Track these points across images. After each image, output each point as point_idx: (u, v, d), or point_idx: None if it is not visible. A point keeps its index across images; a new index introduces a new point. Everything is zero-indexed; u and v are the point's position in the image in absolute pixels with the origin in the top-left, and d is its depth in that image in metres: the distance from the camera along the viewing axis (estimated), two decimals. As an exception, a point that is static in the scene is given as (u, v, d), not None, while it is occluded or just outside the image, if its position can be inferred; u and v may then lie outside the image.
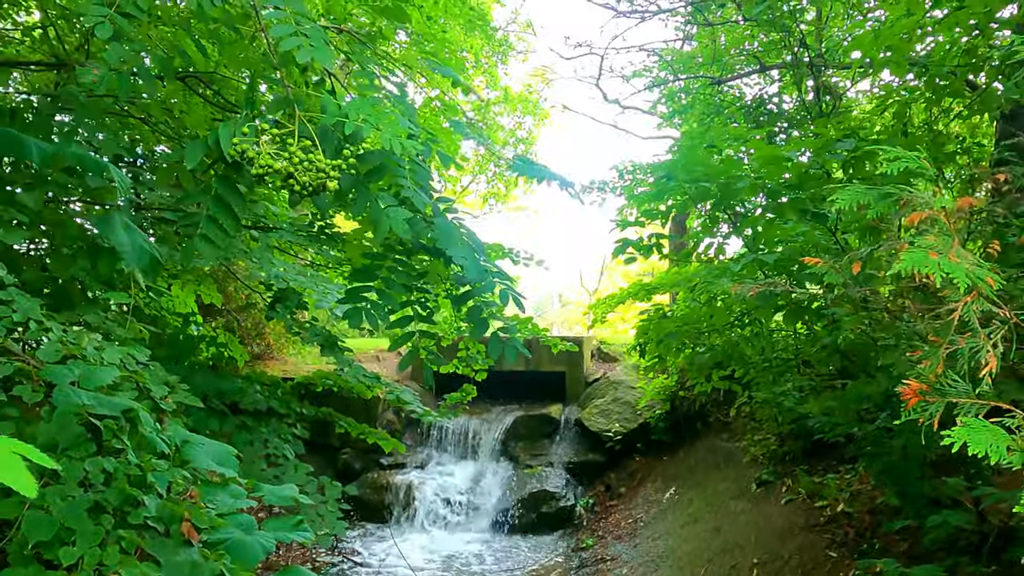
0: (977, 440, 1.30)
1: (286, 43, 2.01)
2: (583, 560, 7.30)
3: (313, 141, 2.04)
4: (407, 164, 2.12)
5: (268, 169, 1.96)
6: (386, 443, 5.94)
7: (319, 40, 1.99)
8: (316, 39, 1.98)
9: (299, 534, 2.75)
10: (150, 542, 2.04)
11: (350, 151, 2.06)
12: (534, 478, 8.75)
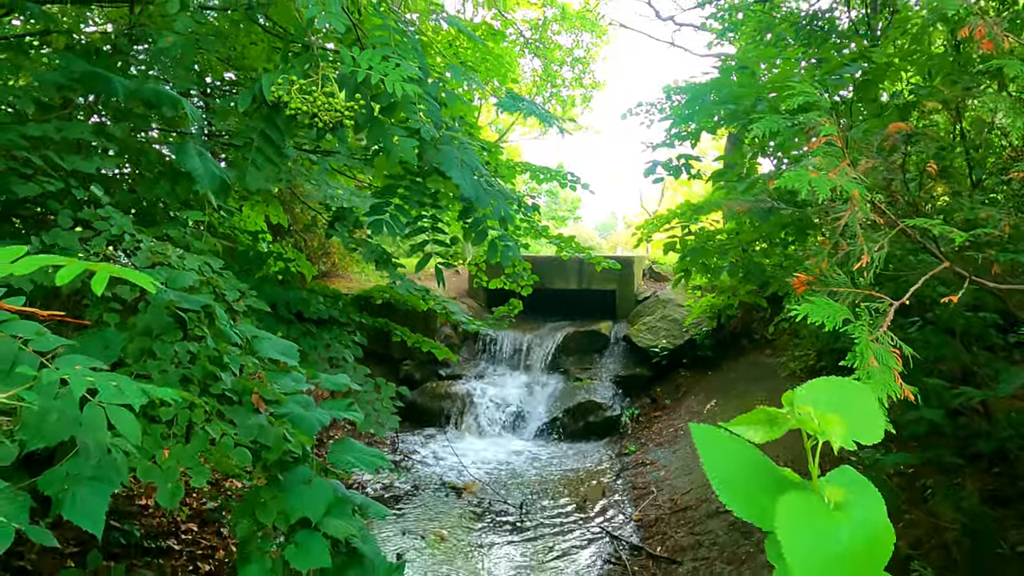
0: (817, 313, 1.60)
1: (309, 12, 2.37)
2: (625, 464, 7.82)
3: (334, 87, 2.41)
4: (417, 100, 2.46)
5: (298, 111, 2.36)
6: (439, 351, 6.46)
7: (335, 7, 2.34)
8: (333, 5, 2.33)
9: (350, 413, 3.26)
10: (227, 408, 2.55)
11: (363, 94, 2.42)
12: (583, 390, 9.24)
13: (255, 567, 2.79)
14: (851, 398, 0.76)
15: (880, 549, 0.68)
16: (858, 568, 0.66)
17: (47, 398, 1.28)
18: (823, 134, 1.81)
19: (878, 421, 0.76)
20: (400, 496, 6.91)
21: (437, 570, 5.62)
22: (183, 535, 5.62)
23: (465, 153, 2.67)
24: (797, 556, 0.65)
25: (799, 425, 0.71)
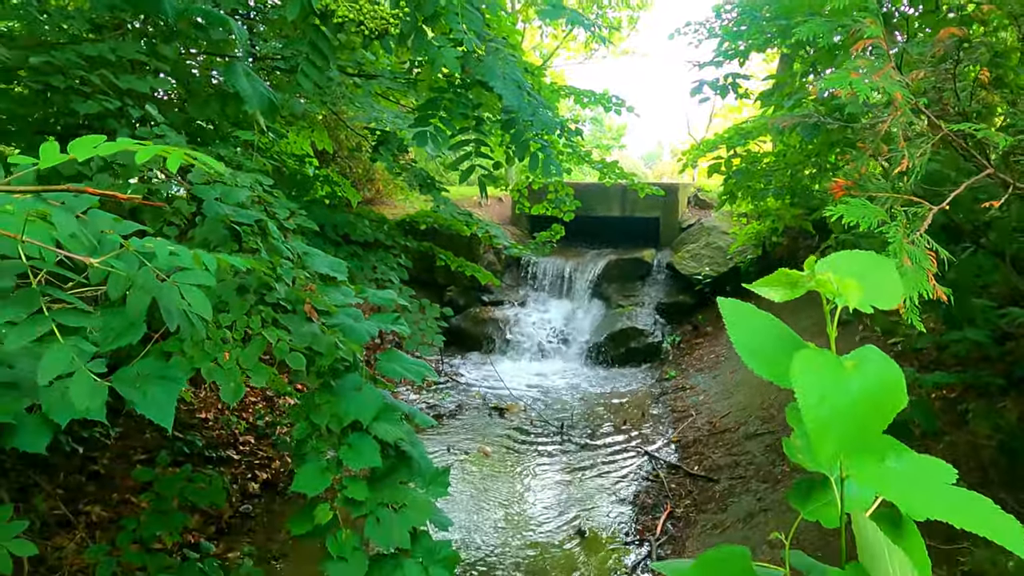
0: (853, 213, 1.60)
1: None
2: (665, 388, 7.93)
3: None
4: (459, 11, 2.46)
5: (344, 18, 2.39)
6: (482, 275, 6.57)
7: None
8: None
9: (398, 326, 3.38)
10: (282, 316, 2.68)
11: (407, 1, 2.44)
12: (624, 316, 9.31)
13: (311, 466, 2.97)
14: (871, 267, 0.80)
15: (887, 403, 0.73)
16: (865, 417, 0.72)
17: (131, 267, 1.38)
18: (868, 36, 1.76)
19: (896, 289, 0.80)
20: (444, 415, 7.16)
21: (481, 483, 5.86)
22: (241, 447, 5.95)
23: (507, 66, 2.67)
24: (809, 403, 0.71)
25: (817, 287, 0.75)
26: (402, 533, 3.09)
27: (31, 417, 1.97)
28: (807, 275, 0.76)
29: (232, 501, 5.17)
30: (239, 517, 5.09)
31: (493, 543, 4.99)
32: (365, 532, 3.09)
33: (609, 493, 5.72)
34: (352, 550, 3.05)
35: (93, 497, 4.69)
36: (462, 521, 5.20)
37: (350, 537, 3.06)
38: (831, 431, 0.69)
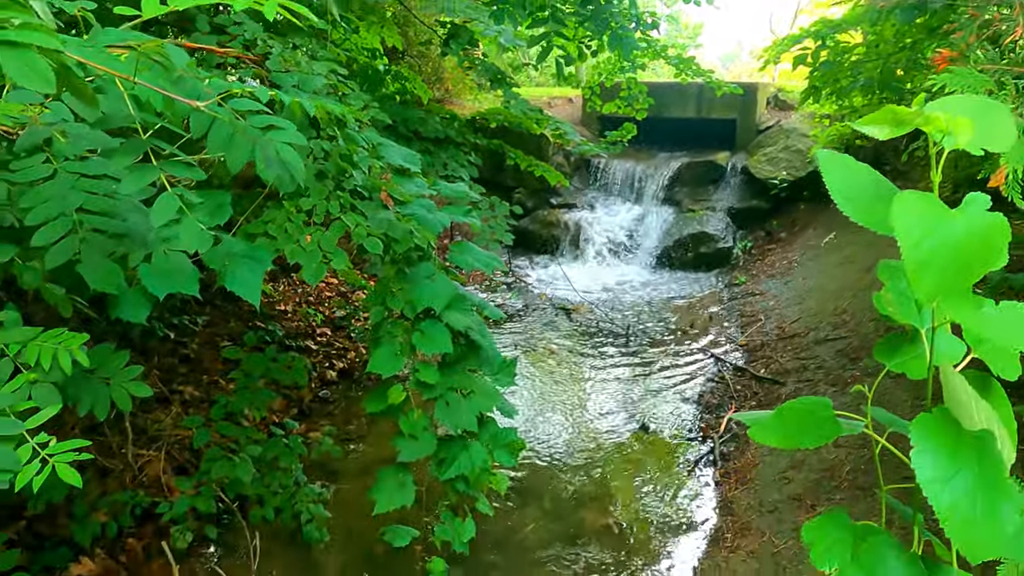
0: (956, 83, 1.49)
1: None
2: (734, 293, 7.84)
3: None
4: None
5: None
6: (551, 175, 6.51)
7: None
8: None
9: (469, 218, 3.41)
10: (359, 202, 2.74)
11: None
12: (695, 221, 9.14)
13: (385, 349, 3.10)
14: (984, 110, 0.76)
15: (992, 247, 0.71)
16: (968, 257, 0.70)
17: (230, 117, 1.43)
18: None
19: (1008, 133, 0.76)
20: (512, 314, 7.28)
21: (545, 379, 6.01)
22: (319, 338, 6.22)
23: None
24: (910, 241, 0.69)
25: (924, 125, 0.73)
26: (470, 417, 3.22)
27: (132, 290, 2.10)
28: (915, 111, 0.73)
29: (311, 387, 5.46)
30: (318, 402, 5.39)
31: (556, 435, 5.16)
32: (435, 414, 3.23)
33: (673, 392, 5.78)
34: (422, 430, 3.21)
35: (185, 378, 5.02)
36: (526, 414, 5.36)
37: (421, 418, 3.21)
38: (931, 270, 0.67)
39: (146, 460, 4.06)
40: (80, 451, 1.21)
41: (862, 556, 0.82)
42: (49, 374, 1.29)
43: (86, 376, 1.58)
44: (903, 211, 0.71)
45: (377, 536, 3.78)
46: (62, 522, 3.51)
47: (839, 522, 0.88)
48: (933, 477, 0.74)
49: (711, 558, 3.89)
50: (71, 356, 1.31)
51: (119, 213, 1.30)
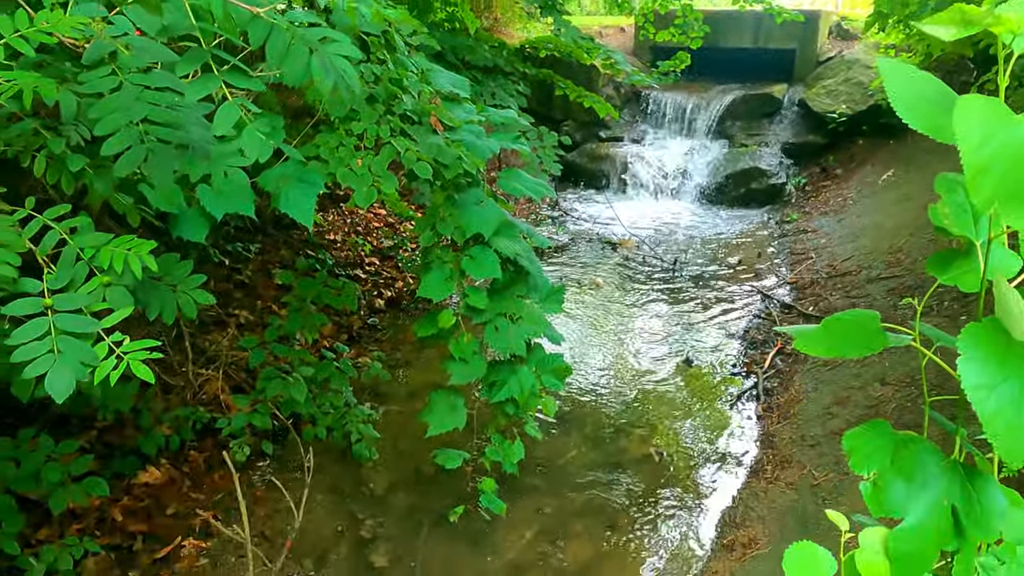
0: None
1: None
2: (784, 231, 7.69)
3: None
4: None
5: None
6: (601, 107, 6.39)
7: None
8: None
9: (517, 145, 3.40)
10: (409, 127, 2.75)
11: None
12: (747, 156, 8.91)
13: (436, 274, 3.15)
14: (1059, 11, 0.74)
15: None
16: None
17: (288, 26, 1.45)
18: None
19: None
20: (558, 248, 7.29)
21: (591, 311, 6.04)
22: (367, 267, 6.33)
23: None
24: (970, 145, 0.68)
25: (993, 25, 0.70)
26: (518, 342, 3.28)
27: (192, 210, 2.17)
28: (985, 11, 0.71)
29: (361, 314, 5.60)
30: (367, 329, 5.53)
31: (600, 367, 5.22)
32: (484, 338, 3.30)
33: (719, 328, 5.77)
34: (472, 353, 3.28)
35: (240, 303, 5.19)
36: (570, 346, 5.42)
37: (471, 342, 3.28)
38: (990, 175, 0.67)
39: (205, 379, 4.25)
40: (151, 351, 1.29)
41: (901, 461, 0.83)
42: (121, 278, 1.37)
43: (154, 282, 1.66)
44: (965, 114, 0.70)
45: (425, 456, 3.93)
46: (129, 433, 3.72)
47: (880, 430, 0.89)
48: (979, 384, 0.75)
49: (750, 488, 3.95)
50: (141, 262, 1.37)
51: (182, 125, 1.34)
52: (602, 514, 3.83)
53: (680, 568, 3.50)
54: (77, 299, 1.29)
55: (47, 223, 1.37)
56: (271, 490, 3.74)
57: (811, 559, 0.84)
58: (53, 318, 1.25)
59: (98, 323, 1.25)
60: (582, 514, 3.82)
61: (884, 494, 0.83)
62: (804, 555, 0.85)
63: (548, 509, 3.83)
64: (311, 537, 3.55)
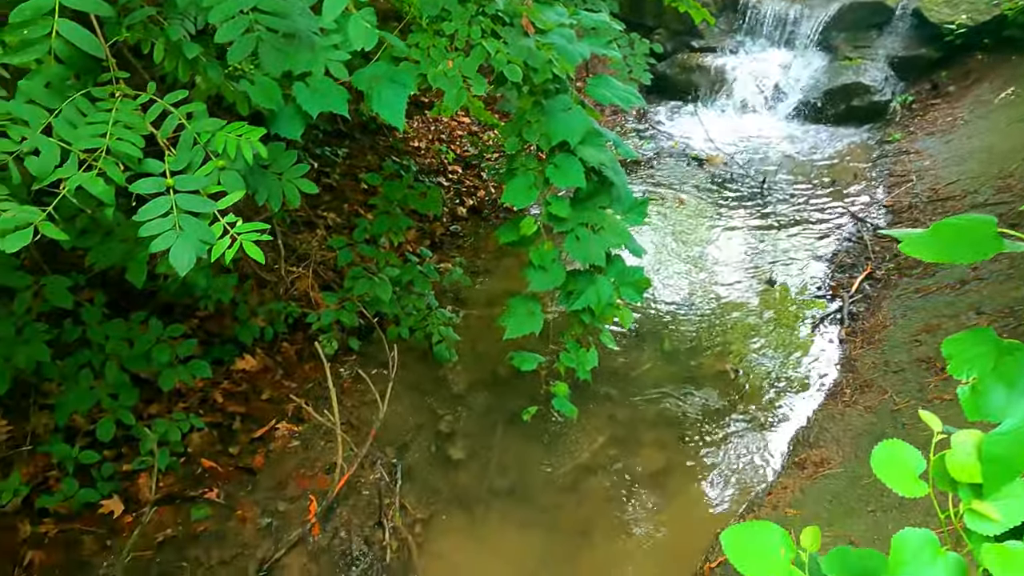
0: None
1: None
2: (885, 151, 7.28)
3: None
4: None
5: None
6: (696, 12, 6.08)
7: None
8: None
9: (608, 51, 3.31)
10: (500, 28, 2.71)
11: None
12: (850, 70, 8.37)
13: (520, 181, 3.17)
14: None
15: None
16: None
17: None
18: None
19: None
20: (643, 162, 7.14)
21: (674, 227, 5.95)
22: (450, 175, 6.38)
23: None
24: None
25: None
26: (598, 252, 3.29)
27: (288, 108, 2.23)
28: None
29: (443, 221, 5.69)
30: (449, 236, 5.63)
31: (679, 283, 5.18)
32: (564, 247, 3.32)
33: (806, 250, 5.61)
34: (552, 262, 3.32)
35: (328, 206, 5.35)
36: (650, 260, 5.38)
37: (551, 250, 3.31)
38: None
39: (296, 276, 4.45)
40: (261, 232, 1.37)
41: (1004, 367, 0.82)
42: (234, 163, 1.44)
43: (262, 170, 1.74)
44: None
45: (502, 360, 4.05)
46: (227, 323, 3.97)
47: (983, 337, 0.88)
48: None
49: (826, 410, 3.92)
50: (252, 148, 1.44)
51: (289, 14, 1.37)
52: (674, 426, 3.89)
53: (749, 481, 3.56)
54: (195, 181, 1.38)
55: (167, 107, 1.45)
56: (357, 383, 3.94)
57: (899, 456, 0.86)
58: (175, 198, 1.34)
59: (214, 204, 1.34)
60: (654, 424, 3.90)
61: (983, 399, 0.82)
62: (892, 452, 0.86)
63: (620, 417, 3.92)
64: (393, 428, 3.75)
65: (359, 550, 3.14)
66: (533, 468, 3.62)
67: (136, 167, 1.38)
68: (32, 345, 2.95)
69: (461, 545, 3.27)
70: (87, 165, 1.31)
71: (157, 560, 3.02)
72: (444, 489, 3.51)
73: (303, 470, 3.47)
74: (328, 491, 3.26)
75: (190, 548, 3.08)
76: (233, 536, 3.15)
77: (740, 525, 1.01)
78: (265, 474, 3.43)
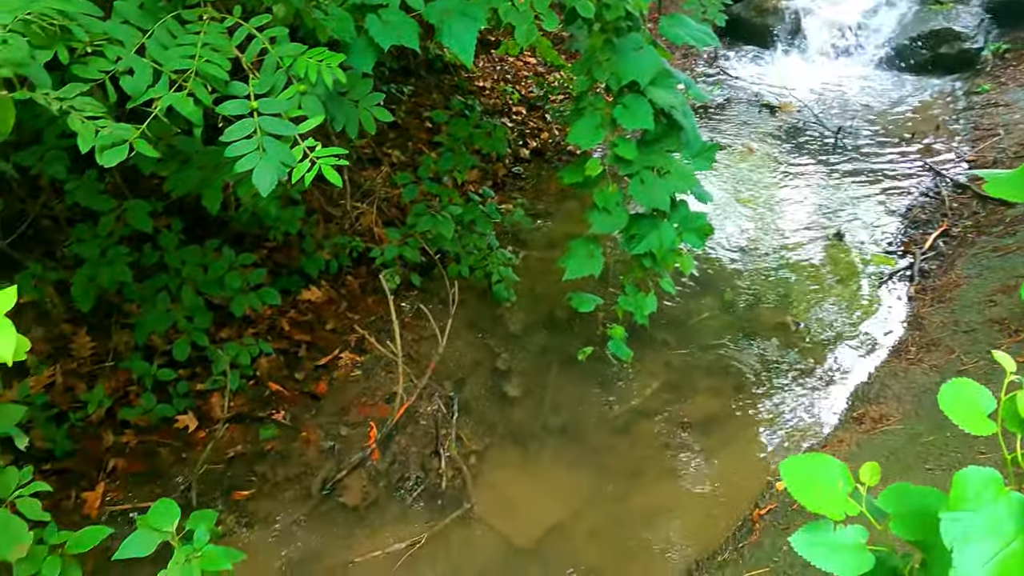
0: None
1: None
2: (972, 103, 6.90)
3: None
4: None
5: None
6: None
7: None
8: None
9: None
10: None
11: None
12: (940, 16, 7.90)
13: (587, 121, 3.14)
14: None
15: None
16: None
17: None
18: None
19: None
20: (712, 107, 6.93)
21: (741, 176, 5.81)
22: (514, 115, 6.33)
23: None
24: None
25: None
26: (663, 197, 3.26)
27: (360, 40, 2.25)
28: None
29: (505, 163, 5.68)
30: (511, 177, 5.62)
31: (743, 232, 5.09)
32: (628, 190, 3.29)
33: (878, 203, 5.42)
34: (615, 204, 3.30)
35: (393, 143, 5.39)
36: (716, 206, 5.25)
37: (615, 192, 3.29)
38: None
39: (360, 212, 4.53)
40: (339, 157, 1.41)
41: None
42: (314, 88, 1.48)
43: (340, 97, 1.78)
44: None
45: (559, 302, 4.08)
46: (295, 255, 4.09)
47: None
48: None
49: (889, 367, 3.85)
50: (332, 74, 1.48)
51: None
52: (730, 375, 3.88)
53: (803, 433, 3.55)
54: (277, 104, 1.42)
55: (252, 31, 1.49)
56: (417, 318, 4.04)
57: (968, 394, 0.85)
58: (258, 120, 1.39)
59: (295, 127, 1.38)
60: (709, 372, 3.89)
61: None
62: (961, 390, 0.86)
63: (675, 364, 3.93)
64: (451, 363, 3.84)
65: (416, 476, 3.27)
66: (586, 409, 3.68)
67: (223, 89, 1.43)
68: (115, 266, 3.11)
69: (514, 478, 3.37)
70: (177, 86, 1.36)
71: (228, 474, 3.21)
72: (499, 424, 3.60)
73: (364, 398, 3.60)
74: (388, 419, 3.38)
75: (258, 464, 3.26)
76: (297, 456, 3.31)
77: (800, 456, 1.02)
78: (328, 400, 3.57)
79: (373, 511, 3.13)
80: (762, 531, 3.01)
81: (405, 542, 2.98)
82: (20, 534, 1.74)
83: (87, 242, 3.16)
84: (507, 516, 3.16)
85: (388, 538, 3.01)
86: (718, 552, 2.99)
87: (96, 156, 1.32)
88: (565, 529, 3.12)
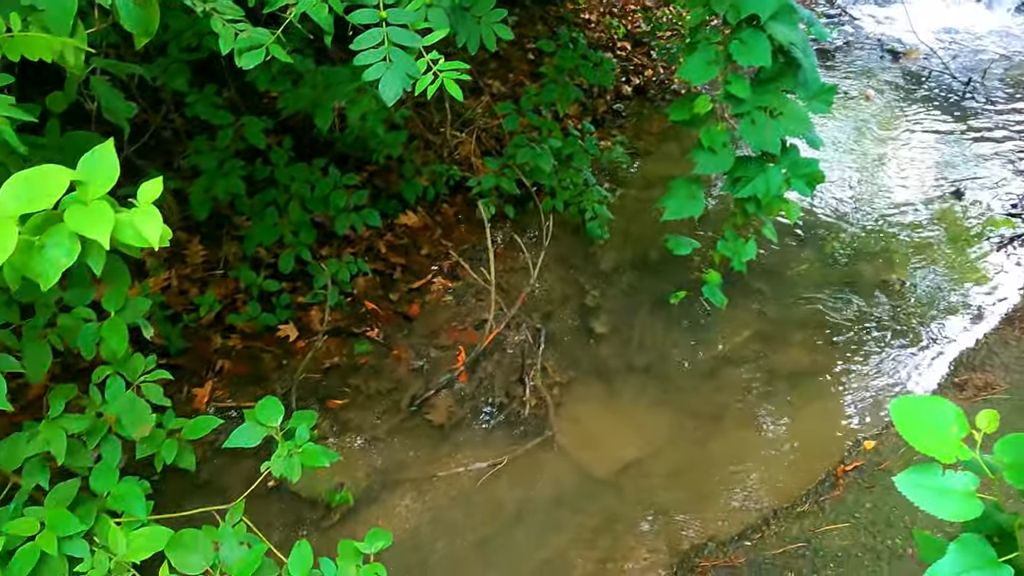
0: None
1: None
2: None
3: None
4: None
5: None
6: None
7: None
8: None
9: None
10: None
11: None
12: (1101, -42, 7.13)
13: (700, 56, 3.03)
14: None
15: None
16: None
17: None
18: None
19: None
20: (829, 51, 6.55)
21: (858, 122, 5.51)
22: (618, 51, 6.16)
23: None
24: None
25: None
26: (774, 139, 3.13)
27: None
28: None
29: (607, 99, 5.56)
30: (611, 114, 5.51)
31: (852, 184, 4.85)
32: (738, 131, 3.18)
33: (1006, 161, 5.05)
34: (722, 145, 3.20)
35: (494, 74, 5.36)
36: (828, 154, 5.01)
37: (723, 132, 3.19)
38: None
39: (459, 141, 4.56)
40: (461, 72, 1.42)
41: None
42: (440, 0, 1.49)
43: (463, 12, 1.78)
44: None
45: (654, 243, 4.03)
46: (394, 180, 4.17)
47: None
48: None
49: (999, 335, 3.66)
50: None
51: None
52: (825, 329, 3.77)
53: (899, 394, 3.43)
54: (405, 15, 1.44)
55: (379, -60, 1.50)
56: (509, 249, 4.08)
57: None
58: (386, 30, 1.41)
59: (421, 40, 1.39)
60: (804, 325, 3.79)
61: None
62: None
63: (769, 314, 3.84)
64: (541, 296, 3.88)
65: (500, 401, 3.36)
66: (673, 351, 3.66)
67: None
68: (230, 178, 3.26)
69: (595, 412, 3.41)
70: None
71: (323, 383, 3.38)
72: (584, 359, 3.63)
73: (454, 323, 3.69)
74: (476, 344, 3.47)
75: (352, 377, 3.41)
76: (389, 372, 3.45)
77: (912, 396, 1.00)
78: (420, 322, 3.68)
79: (457, 430, 3.24)
80: (845, 487, 2.96)
81: (487, 462, 3.08)
82: (144, 415, 1.91)
83: (205, 154, 3.32)
84: (587, 448, 3.22)
85: (470, 457, 3.12)
86: (797, 503, 2.97)
87: (236, 58, 1.38)
88: (643, 466, 3.15)
